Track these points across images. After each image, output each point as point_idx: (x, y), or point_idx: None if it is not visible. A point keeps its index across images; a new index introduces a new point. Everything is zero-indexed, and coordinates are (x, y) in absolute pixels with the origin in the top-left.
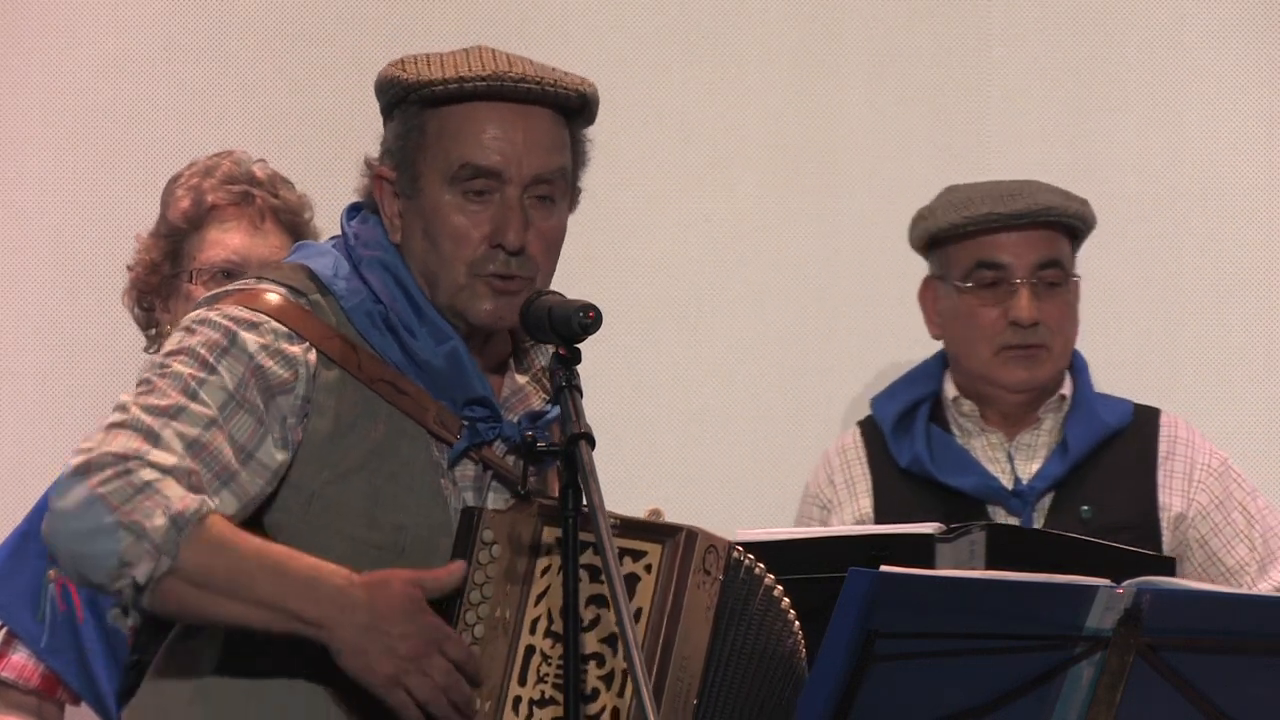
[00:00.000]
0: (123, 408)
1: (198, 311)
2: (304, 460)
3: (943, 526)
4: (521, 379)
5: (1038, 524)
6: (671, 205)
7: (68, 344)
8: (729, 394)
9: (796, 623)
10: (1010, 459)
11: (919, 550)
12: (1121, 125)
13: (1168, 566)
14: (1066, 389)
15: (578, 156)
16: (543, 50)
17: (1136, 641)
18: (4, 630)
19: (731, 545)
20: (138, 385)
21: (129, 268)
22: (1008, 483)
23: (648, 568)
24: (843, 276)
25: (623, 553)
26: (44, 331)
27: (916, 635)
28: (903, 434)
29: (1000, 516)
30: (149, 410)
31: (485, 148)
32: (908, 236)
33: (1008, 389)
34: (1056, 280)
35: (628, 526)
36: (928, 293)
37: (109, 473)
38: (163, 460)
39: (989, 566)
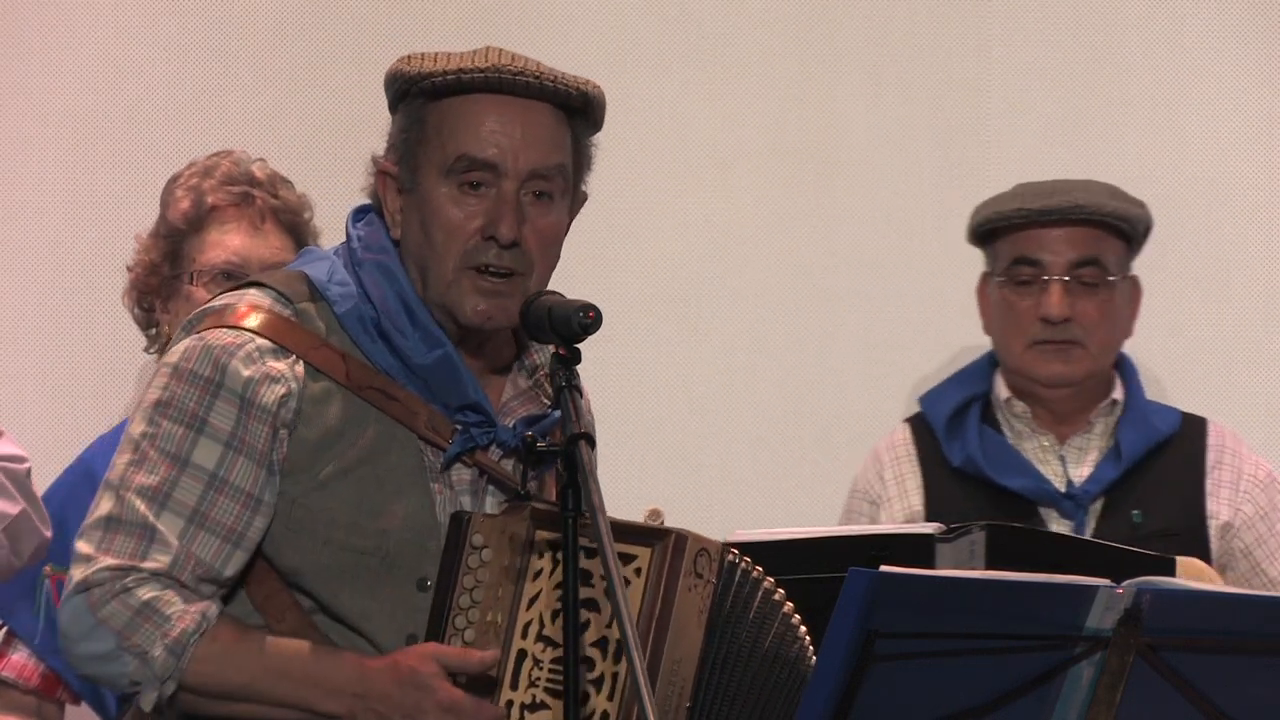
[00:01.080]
0: (114, 489)
1: (183, 345)
2: (288, 470)
3: (943, 526)
4: (524, 383)
5: (1089, 527)
6: (671, 205)
7: (67, 344)
8: (729, 394)
9: (802, 627)
10: (1062, 461)
11: (919, 550)
12: (1122, 126)
13: (1168, 566)
14: (1118, 394)
15: (580, 158)
16: (542, 50)
17: (1136, 641)
18: (4, 630)
19: (725, 548)
20: (128, 447)
21: (129, 268)
22: (1060, 485)
23: (637, 571)
24: (843, 276)
25: None
26: (43, 331)
27: (916, 635)
28: (955, 433)
29: (1053, 518)
30: (142, 494)
31: (482, 140)
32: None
33: (1042, 383)
34: (1094, 279)
35: (617, 530)
36: (983, 288)
37: (107, 592)
38: (158, 564)
39: (989, 566)
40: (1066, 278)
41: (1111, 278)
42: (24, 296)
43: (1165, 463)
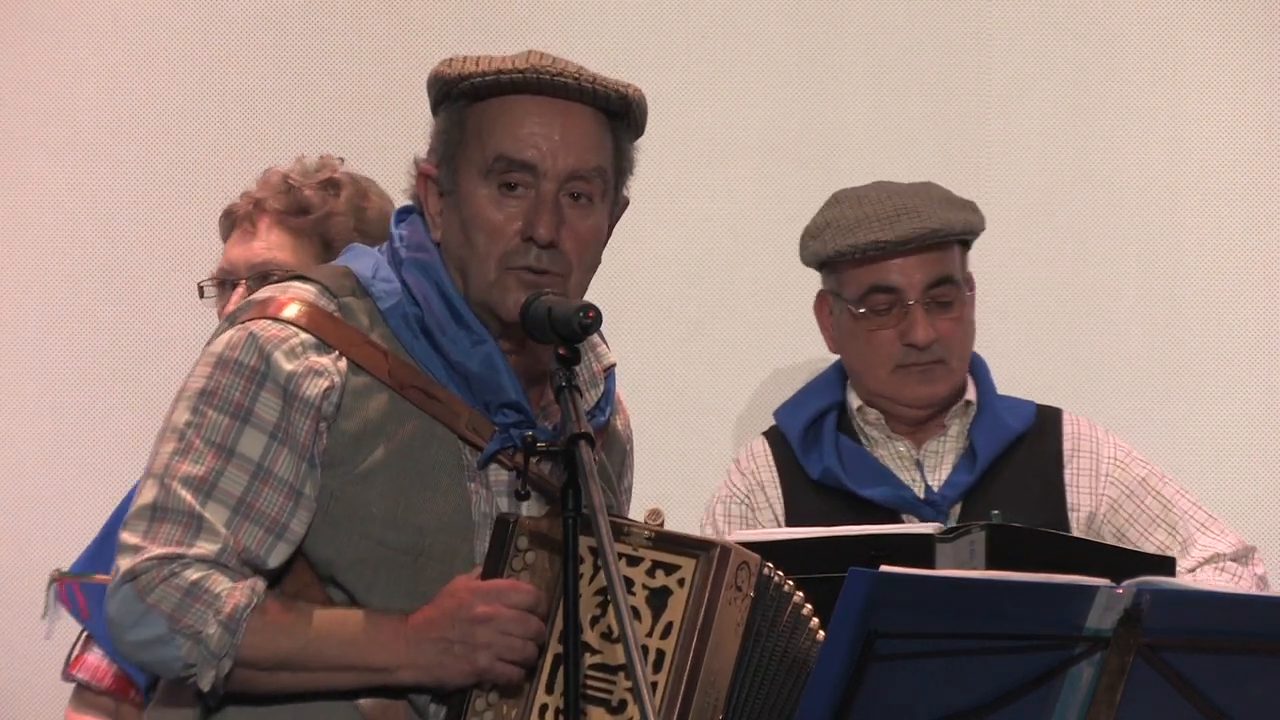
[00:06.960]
0: (158, 478)
1: (227, 335)
2: (327, 463)
3: (942, 526)
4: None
5: None
6: (671, 204)
7: (68, 344)
8: (729, 394)
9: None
10: (920, 467)
11: (919, 550)
12: (1121, 125)
13: (1168, 566)
14: (971, 394)
15: (621, 163)
16: (543, 49)
17: (1136, 641)
18: (84, 633)
19: (763, 562)
20: (172, 435)
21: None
22: (919, 492)
23: (680, 581)
24: None
25: (655, 565)
26: (44, 331)
27: (916, 635)
28: (812, 445)
29: None
30: (187, 484)
31: (520, 141)
32: (799, 253)
33: (909, 405)
34: (949, 297)
35: (662, 539)
36: (823, 307)
37: (155, 577)
38: (206, 551)
39: (989, 566)
40: (925, 301)
41: (965, 293)
42: (24, 296)
43: (1022, 459)
